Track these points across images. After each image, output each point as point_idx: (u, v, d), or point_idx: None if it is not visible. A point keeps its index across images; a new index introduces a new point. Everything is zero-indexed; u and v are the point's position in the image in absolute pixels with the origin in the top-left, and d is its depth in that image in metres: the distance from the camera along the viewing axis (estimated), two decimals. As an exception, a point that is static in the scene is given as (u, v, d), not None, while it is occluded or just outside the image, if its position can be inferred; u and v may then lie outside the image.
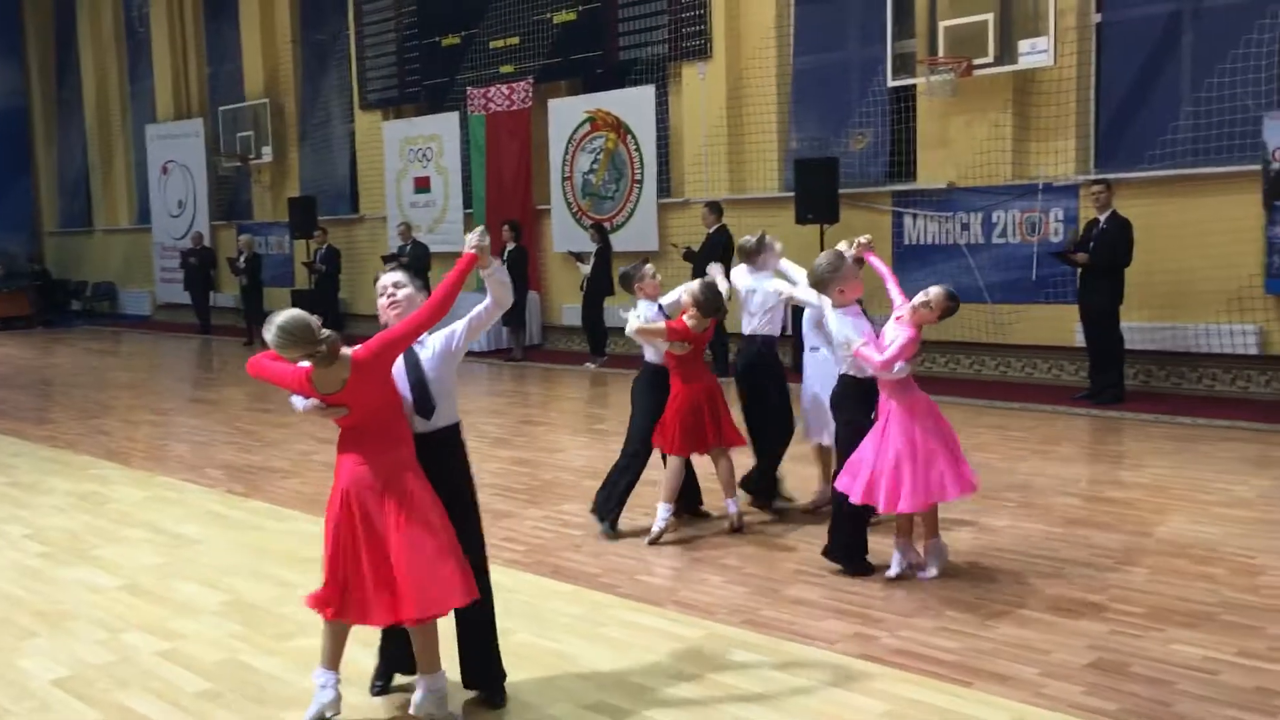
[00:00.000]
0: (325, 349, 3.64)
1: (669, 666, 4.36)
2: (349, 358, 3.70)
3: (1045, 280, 10.84)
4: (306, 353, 3.65)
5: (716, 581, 5.47)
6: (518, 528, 6.53)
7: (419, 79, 17.24)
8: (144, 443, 9.72)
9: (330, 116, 19.51)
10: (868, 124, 12.57)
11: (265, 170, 20.10)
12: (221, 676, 4.43)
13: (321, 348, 3.64)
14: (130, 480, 8.17)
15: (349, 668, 4.11)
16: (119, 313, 23.95)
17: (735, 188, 13.48)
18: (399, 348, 3.80)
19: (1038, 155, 11.06)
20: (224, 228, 21.23)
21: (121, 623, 5.09)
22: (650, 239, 14.21)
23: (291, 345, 3.64)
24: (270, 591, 5.48)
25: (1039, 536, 6.00)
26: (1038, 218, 10.95)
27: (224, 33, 21.27)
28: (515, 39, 15.72)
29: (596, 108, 14.77)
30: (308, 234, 17.50)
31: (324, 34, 19.38)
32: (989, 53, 10.80)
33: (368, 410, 3.79)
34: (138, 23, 23.25)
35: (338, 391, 3.73)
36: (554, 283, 15.71)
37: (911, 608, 5.03)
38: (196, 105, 21.92)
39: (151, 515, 7.08)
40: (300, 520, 6.86)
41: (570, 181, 15.20)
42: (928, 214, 11.73)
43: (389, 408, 3.83)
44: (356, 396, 3.76)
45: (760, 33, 13.16)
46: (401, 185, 17.53)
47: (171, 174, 22.08)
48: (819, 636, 4.67)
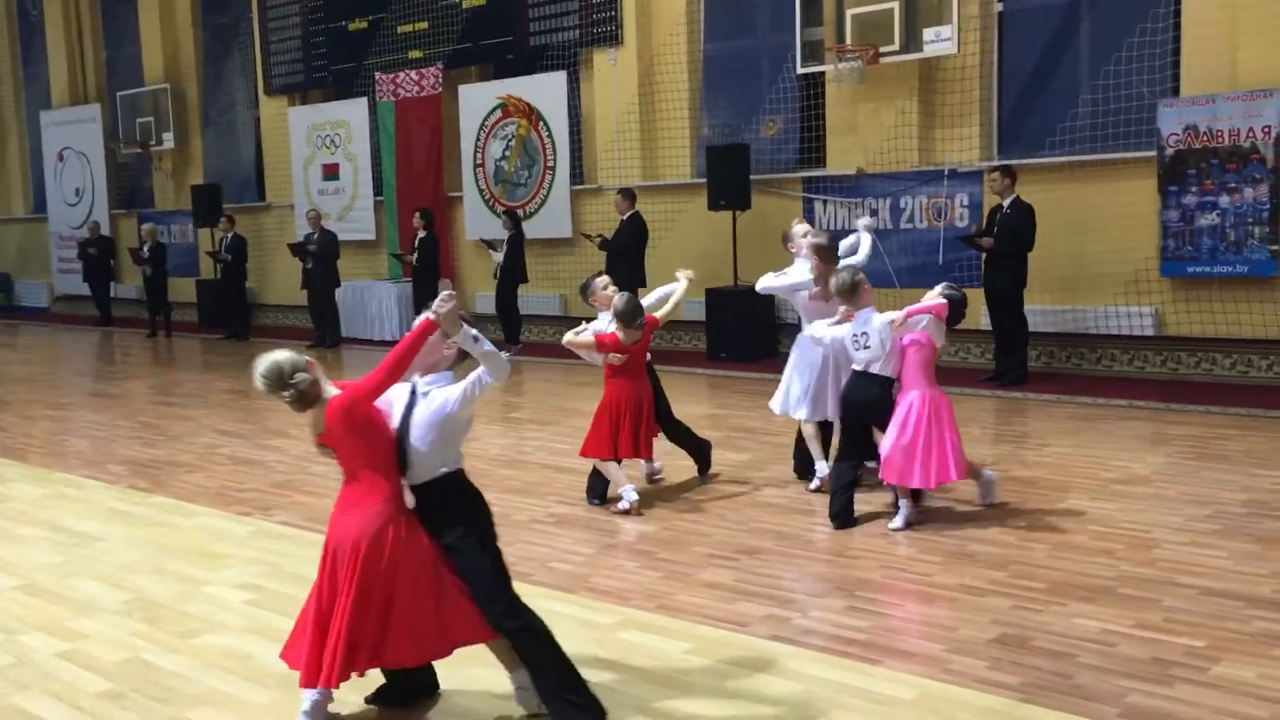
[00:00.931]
0: (294, 394, 3.65)
1: (583, 654, 4.35)
2: (325, 403, 3.71)
3: (951, 265, 11.05)
4: (281, 398, 3.66)
5: (630, 567, 5.49)
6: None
7: (326, 64, 16.92)
8: (42, 438, 9.42)
9: (234, 102, 19.05)
10: (778, 111, 12.67)
11: (167, 157, 19.56)
12: (124, 676, 4.32)
13: (286, 394, 3.64)
14: (27, 477, 7.92)
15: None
16: (15, 305, 23.15)
17: (648, 174, 13.49)
18: (359, 407, 3.69)
19: (943, 142, 11.26)
20: (124, 217, 20.63)
21: (19, 624, 4.94)
22: (564, 226, 14.16)
23: (267, 390, 3.67)
24: (174, 588, 5.35)
25: (945, 516, 6.13)
26: (944, 203, 11.16)
27: (121, 15, 20.61)
28: (424, 24, 15.51)
29: (508, 94, 14.66)
30: (213, 222, 17.08)
31: (226, 17, 18.90)
32: (895, 41, 10.95)
33: (347, 457, 3.76)
34: (30, 5, 22.44)
35: (322, 434, 3.75)
36: (467, 270, 15.57)
37: (822, 589, 5.10)
38: (93, 90, 21.23)
39: (50, 513, 6.87)
40: (206, 515, 6.71)
41: (482, 168, 15.07)
42: (837, 200, 11.88)
43: (367, 458, 3.73)
44: (333, 443, 3.75)
45: (671, 19, 13.18)
46: (309, 172, 17.21)
47: (68, 161, 21.38)
48: (731, 619, 4.71)
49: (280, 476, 7.60)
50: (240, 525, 6.47)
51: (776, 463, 7.41)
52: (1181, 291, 9.89)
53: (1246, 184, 9.39)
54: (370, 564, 3.65)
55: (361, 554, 3.65)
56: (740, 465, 7.47)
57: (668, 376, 11.28)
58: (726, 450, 7.75)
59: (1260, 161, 9.29)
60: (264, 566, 5.65)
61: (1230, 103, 9.37)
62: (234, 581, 5.42)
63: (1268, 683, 3.91)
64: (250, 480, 7.50)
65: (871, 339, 5.93)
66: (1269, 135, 9.21)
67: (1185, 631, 4.38)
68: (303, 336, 15.71)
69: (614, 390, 6.44)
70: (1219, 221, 9.54)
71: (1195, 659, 4.12)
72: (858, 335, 6.00)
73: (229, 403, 10.88)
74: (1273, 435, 7.83)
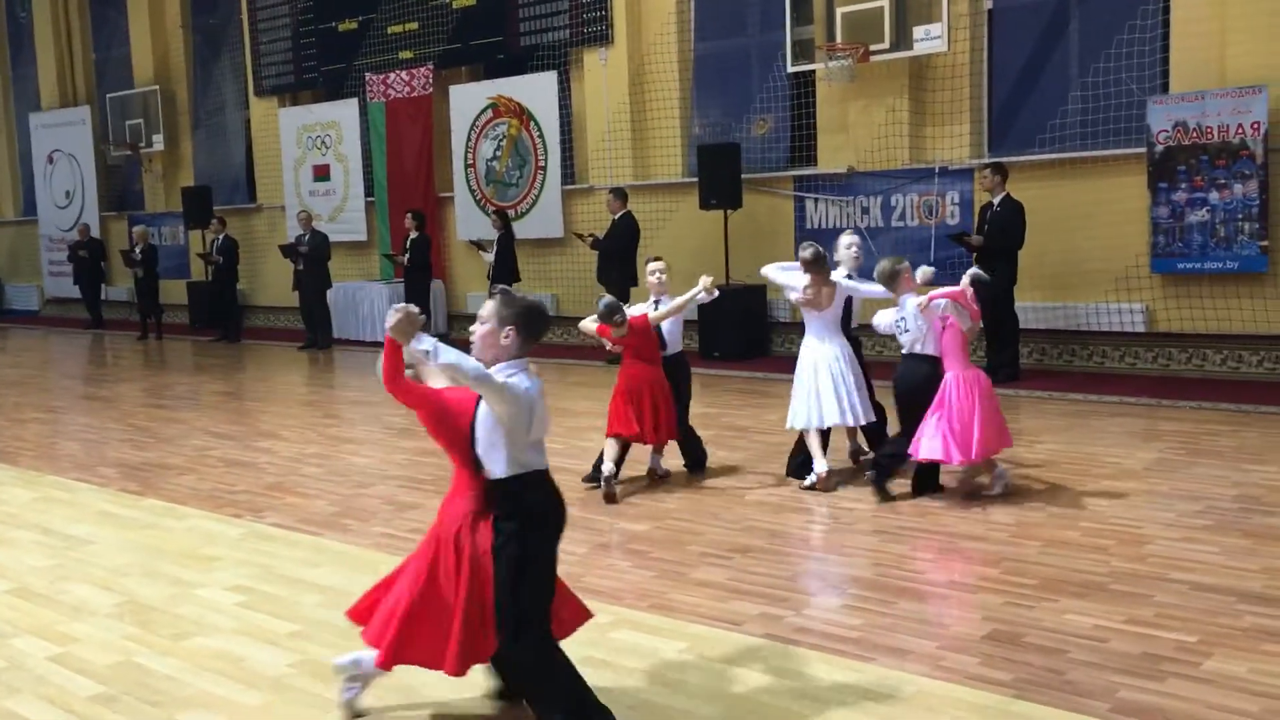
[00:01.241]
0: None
1: (576, 653, 4.34)
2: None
3: (942, 262, 11.02)
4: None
5: (624, 566, 5.49)
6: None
7: (316, 65, 16.90)
8: (33, 441, 9.39)
9: (224, 103, 19.00)
10: (769, 110, 12.68)
11: (157, 159, 19.51)
12: (116, 679, 4.31)
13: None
14: (18, 480, 7.90)
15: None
16: (5, 308, 23.08)
17: (639, 174, 13.49)
18: (409, 405, 3.89)
19: (934, 140, 11.27)
20: (114, 219, 20.58)
21: (10, 628, 4.92)
22: (555, 226, 14.15)
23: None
24: (166, 591, 5.34)
25: (937, 512, 6.13)
26: (935, 201, 11.17)
27: (110, 17, 20.56)
28: (414, 24, 15.50)
29: (498, 94, 14.65)
30: (203, 224, 17.03)
31: (216, 18, 18.86)
32: (885, 39, 10.97)
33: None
34: (19, 7, 22.37)
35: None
36: (459, 270, 15.56)
37: (816, 587, 5.11)
38: (83, 93, 21.17)
39: (41, 516, 6.85)
40: (196, 518, 6.70)
41: (473, 169, 15.06)
42: (829, 198, 11.89)
43: (451, 452, 3.81)
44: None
45: (661, 18, 13.18)
46: (300, 173, 17.18)
47: (58, 164, 21.32)
48: (725, 618, 4.71)
49: (271, 478, 7.59)
50: (231, 527, 6.46)
51: (769, 461, 7.41)
52: (1172, 288, 9.91)
53: (1236, 180, 9.41)
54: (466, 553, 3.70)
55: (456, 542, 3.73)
56: (733, 464, 7.47)
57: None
58: (719, 449, 7.75)
59: (1249, 157, 9.32)
60: (255, 569, 5.64)
61: (1219, 99, 9.40)
62: (225, 584, 5.41)
63: (1259, 677, 3.92)
64: (241, 482, 7.49)
65: (909, 323, 6.42)
66: (1258, 131, 9.23)
67: (1177, 627, 4.39)
68: (294, 338, 15.69)
69: (628, 373, 6.91)
70: (1209, 218, 9.57)
71: (1187, 654, 4.13)
72: (899, 320, 6.50)
73: (220, 405, 10.86)
74: (1263, 430, 7.85)
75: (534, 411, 3.54)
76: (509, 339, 3.54)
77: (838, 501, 6.50)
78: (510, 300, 3.60)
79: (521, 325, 3.54)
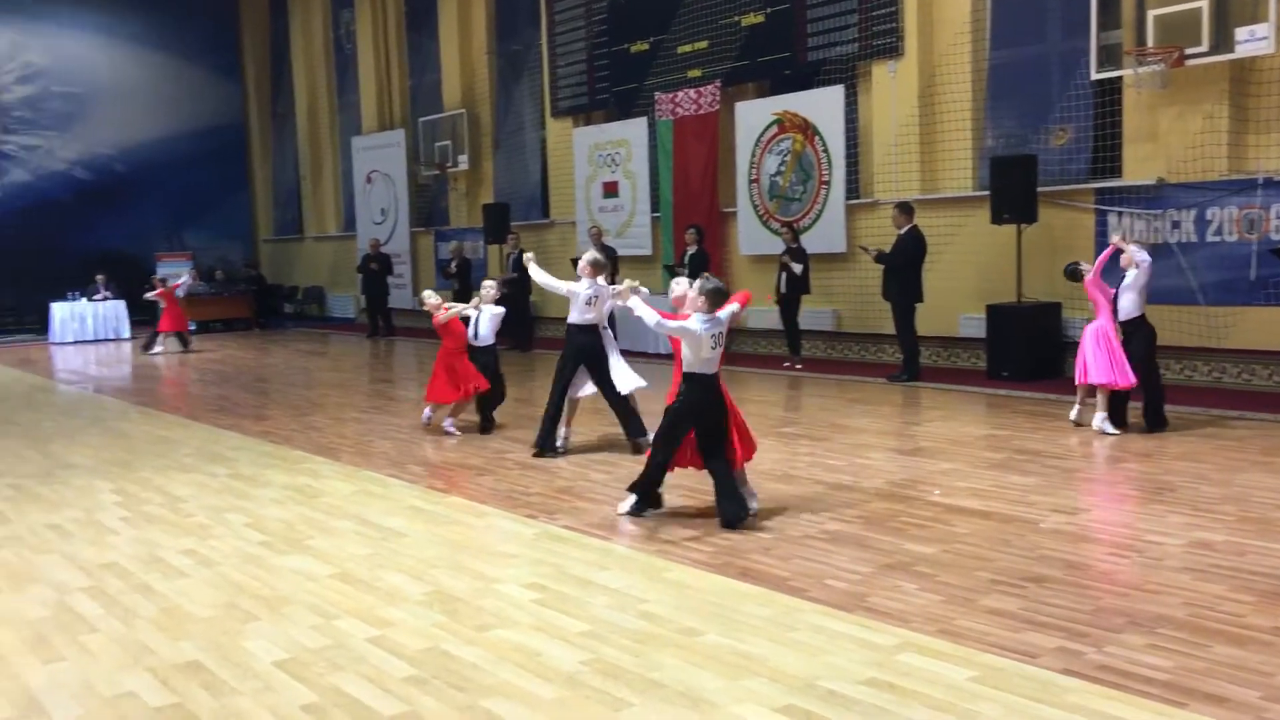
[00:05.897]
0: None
1: (859, 673, 4.30)
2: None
3: (1265, 280, 10.18)
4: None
5: (910, 589, 5.37)
6: (707, 525, 6.56)
7: (608, 85, 17.55)
8: (352, 439, 10.21)
9: (523, 124, 20.06)
10: (1069, 119, 12.09)
11: (461, 178, 20.83)
12: (426, 663, 4.61)
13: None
14: (339, 474, 8.60)
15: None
16: (327, 315, 25.27)
17: (926, 187, 13.18)
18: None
19: (1257, 148, 10.40)
20: (423, 234, 22.12)
21: (334, 609, 5.36)
22: (838, 241, 14.05)
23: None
24: (469, 584, 5.67)
25: (1258, 552, 5.65)
26: (1257, 214, 10.30)
27: (424, 46, 22.18)
28: (704, 43, 15.81)
29: (784, 109, 14.70)
30: (501, 239, 18.03)
31: (518, 44, 19.96)
32: (1203, 41, 10.23)
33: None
34: (345, 40, 24.49)
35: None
36: (741, 286, 15.68)
37: (1119, 623, 4.81)
38: (398, 117, 22.92)
39: (359, 508, 7.44)
40: (495, 516, 7.08)
41: (757, 184, 15.18)
42: (1135, 211, 11.19)
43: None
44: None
45: (954, 28, 12.84)
46: (590, 190, 17.87)
47: (375, 183, 23.15)
48: (1018, 649, 4.52)
49: (563, 482, 7.92)
50: (526, 527, 6.79)
51: (1064, 488, 7.05)
52: None
53: None
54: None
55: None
56: (1024, 489, 7.16)
57: (944, 394, 10.98)
58: (1008, 473, 7.46)
59: None
60: (549, 568, 5.89)
61: None
62: (522, 580, 5.68)
63: None
64: (535, 485, 7.86)
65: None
66: None
67: None
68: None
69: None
70: None
71: None
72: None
73: (514, 411, 11.42)
74: None
75: (700, 340, 6.43)
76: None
77: (1142, 535, 6.10)
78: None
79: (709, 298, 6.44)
